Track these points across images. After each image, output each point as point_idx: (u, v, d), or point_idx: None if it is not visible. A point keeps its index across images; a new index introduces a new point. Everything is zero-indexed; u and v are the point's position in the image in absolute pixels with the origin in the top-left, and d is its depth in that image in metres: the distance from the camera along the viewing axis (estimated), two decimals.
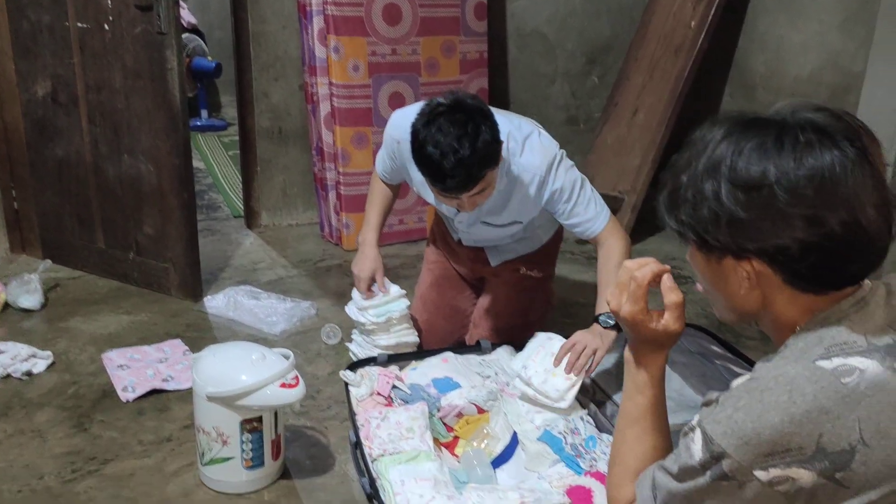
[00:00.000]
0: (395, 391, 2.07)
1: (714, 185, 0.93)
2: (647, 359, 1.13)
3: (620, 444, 1.15)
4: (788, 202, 0.89)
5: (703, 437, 0.93)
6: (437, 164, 1.81)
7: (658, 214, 1.05)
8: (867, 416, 0.86)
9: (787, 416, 0.87)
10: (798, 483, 0.88)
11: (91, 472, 2.00)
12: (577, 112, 4.17)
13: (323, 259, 3.43)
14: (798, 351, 0.93)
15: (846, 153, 0.89)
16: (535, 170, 2.04)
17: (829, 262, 0.92)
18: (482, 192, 1.93)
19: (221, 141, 5.40)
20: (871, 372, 0.88)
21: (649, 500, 1.03)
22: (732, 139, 0.94)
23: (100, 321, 2.78)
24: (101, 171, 2.94)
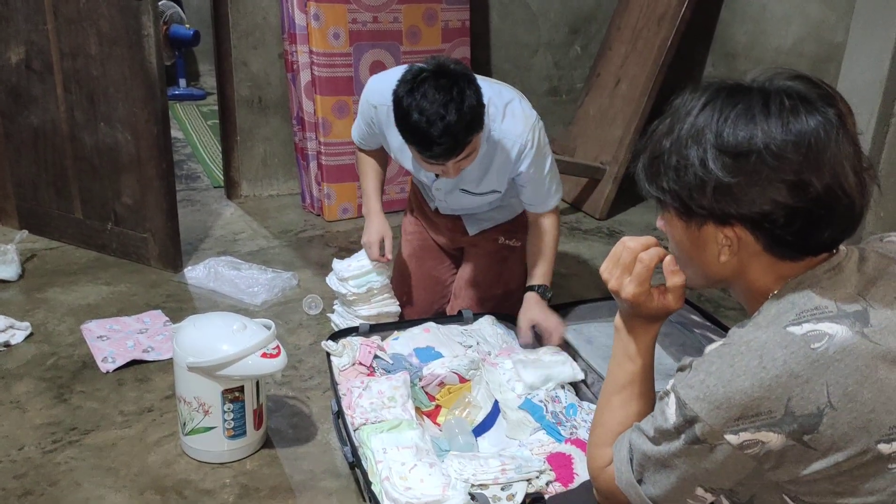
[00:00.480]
0: (377, 361, 2.08)
1: (699, 151, 0.93)
2: (640, 329, 1.13)
3: (605, 408, 1.16)
4: (776, 167, 0.90)
5: (676, 401, 0.94)
6: (424, 132, 1.80)
7: (637, 181, 1.05)
8: (835, 380, 0.88)
9: (758, 380, 0.88)
10: (767, 446, 0.89)
11: (72, 442, 2.00)
12: (560, 82, 4.15)
13: (304, 230, 3.41)
14: (771, 317, 0.94)
15: (829, 118, 0.91)
16: (516, 137, 2.03)
17: (811, 227, 0.93)
18: (468, 157, 1.93)
19: (200, 110, 5.33)
20: (840, 337, 0.89)
21: (625, 462, 1.05)
22: (716, 106, 0.94)
23: (78, 292, 2.75)
24: (77, 140, 2.89)
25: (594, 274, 3.10)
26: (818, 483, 0.91)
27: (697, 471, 0.95)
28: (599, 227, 3.56)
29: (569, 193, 3.81)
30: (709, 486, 0.97)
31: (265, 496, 1.84)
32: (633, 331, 1.13)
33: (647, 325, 1.13)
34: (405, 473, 1.62)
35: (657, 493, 1.01)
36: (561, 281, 3.02)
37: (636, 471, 1.03)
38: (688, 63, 3.67)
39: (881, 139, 2.67)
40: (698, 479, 0.96)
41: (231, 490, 1.86)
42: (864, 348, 0.89)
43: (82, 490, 1.83)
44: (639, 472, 1.03)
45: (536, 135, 2.05)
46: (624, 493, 1.05)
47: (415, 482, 1.60)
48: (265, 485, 1.88)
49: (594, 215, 3.64)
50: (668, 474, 0.98)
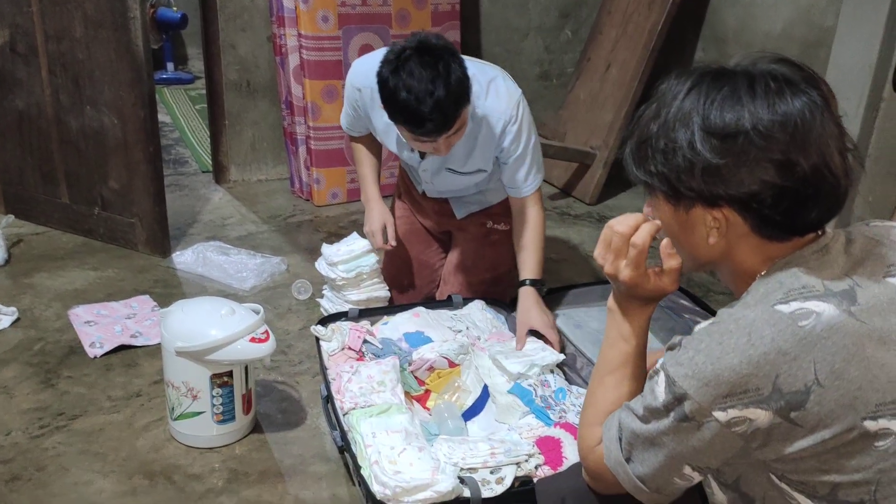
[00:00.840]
0: (367, 346, 2.07)
1: (687, 133, 0.94)
2: (635, 311, 1.14)
3: (597, 388, 1.16)
4: (763, 147, 0.91)
5: (666, 379, 0.95)
6: (414, 110, 1.78)
7: (625, 166, 1.06)
8: (822, 357, 0.89)
9: (746, 357, 0.89)
10: (755, 423, 0.90)
11: (59, 427, 1.99)
12: (550, 67, 4.13)
13: (293, 215, 3.40)
14: (759, 296, 0.95)
15: (814, 100, 0.93)
16: (500, 113, 2.02)
17: (798, 207, 0.94)
18: (458, 132, 1.91)
19: (188, 94, 5.29)
20: (827, 315, 0.90)
21: (614, 441, 1.05)
22: (701, 89, 0.96)
23: (65, 277, 2.74)
24: (63, 124, 2.86)
25: (584, 259, 3.10)
26: (805, 461, 0.91)
27: (685, 449, 0.96)
28: (589, 212, 3.55)
29: (559, 178, 3.80)
30: (696, 465, 0.97)
31: (254, 481, 1.84)
32: (628, 312, 1.14)
33: (643, 307, 1.13)
34: (394, 457, 1.62)
35: (645, 472, 1.01)
36: (551, 266, 3.02)
37: (625, 450, 1.04)
38: (678, 47, 3.66)
39: (870, 124, 2.67)
40: (686, 457, 0.96)
41: (220, 475, 1.85)
42: (851, 327, 0.90)
43: (70, 475, 1.83)
44: (627, 451, 1.03)
45: (520, 111, 2.04)
46: (612, 472, 1.06)
47: (404, 466, 1.60)
48: (254, 469, 1.88)
49: (584, 200, 3.64)
50: (657, 452, 0.99)
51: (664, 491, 1.02)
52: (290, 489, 1.82)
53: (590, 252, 3.15)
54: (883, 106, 2.65)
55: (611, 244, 1.09)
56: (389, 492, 1.56)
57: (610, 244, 1.09)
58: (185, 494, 1.79)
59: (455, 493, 1.57)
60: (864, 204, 2.75)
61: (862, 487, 0.91)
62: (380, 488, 1.57)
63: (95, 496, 1.77)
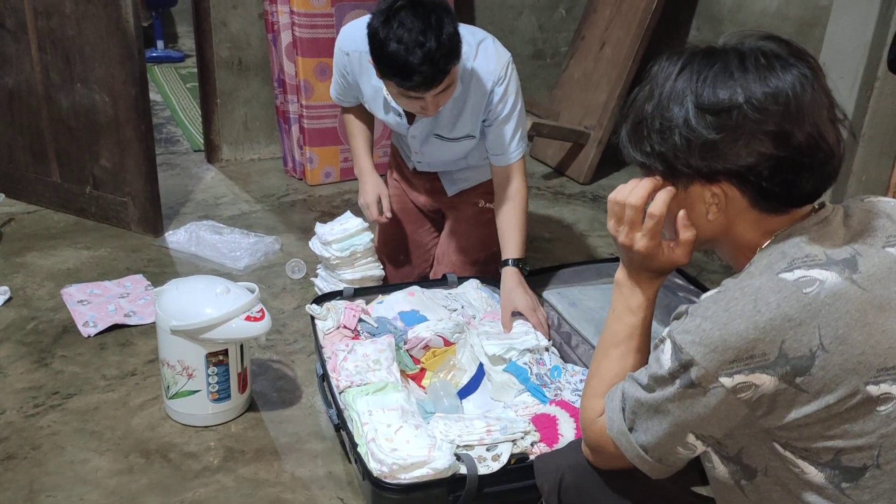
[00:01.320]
0: (362, 324, 2.07)
1: (682, 111, 0.96)
2: (645, 283, 1.15)
3: (602, 360, 1.17)
4: (758, 120, 0.93)
5: (672, 346, 0.96)
6: (404, 61, 1.76)
7: (622, 149, 1.07)
8: (827, 323, 0.90)
9: (752, 323, 0.91)
10: (760, 389, 0.91)
11: (54, 406, 1.98)
12: (544, 46, 4.11)
13: (287, 194, 3.38)
14: (762, 266, 0.96)
15: (803, 72, 0.95)
16: (488, 74, 2.01)
17: (795, 178, 0.96)
18: (446, 91, 1.89)
19: (179, 73, 5.24)
20: (830, 282, 0.92)
21: (617, 411, 1.06)
22: (693, 68, 0.98)
23: (57, 256, 2.72)
24: (53, 102, 2.83)
25: (578, 238, 3.11)
26: (809, 427, 0.92)
27: (690, 416, 0.96)
28: (583, 192, 3.55)
29: (552, 158, 3.79)
30: (700, 433, 0.98)
31: (250, 458, 1.85)
32: (639, 284, 1.14)
33: (653, 280, 1.14)
34: (391, 435, 1.62)
35: (648, 441, 1.02)
36: (545, 245, 3.03)
37: (628, 419, 1.04)
38: (672, 27, 3.64)
39: (864, 103, 2.67)
40: (690, 425, 0.97)
41: (216, 453, 1.86)
42: (854, 294, 0.92)
43: (66, 453, 1.83)
44: (630, 421, 1.04)
45: (509, 73, 2.02)
46: (615, 442, 1.06)
47: (401, 443, 1.60)
48: (250, 447, 1.88)
49: (578, 180, 3.63)
50: (661, 420, 1.00)
51: (666, 461, 1.03)
52: (286, 467, 1.83)
53: (584, 231, 3.15)
54: (877, 85, 2.65)
55: (623, 216, 1.09)
56: (386, 469, 1.56)
57: (622, 216, 1.09)
58: (182, 472, 1.79)
59: (452, 471, 1.58)
60: (858, 184, 2.76)
61: (865, 452, 0.93)
62: (377, 466, 1.58)
63: (91, 474, 1.77)
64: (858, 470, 0.93)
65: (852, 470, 0.94)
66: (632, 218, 1.08)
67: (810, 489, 0.96)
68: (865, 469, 0.93)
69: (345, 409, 1.77)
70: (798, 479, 0.96)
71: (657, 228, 1.07)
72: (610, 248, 3.00)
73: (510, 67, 2.04)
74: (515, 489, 1.61)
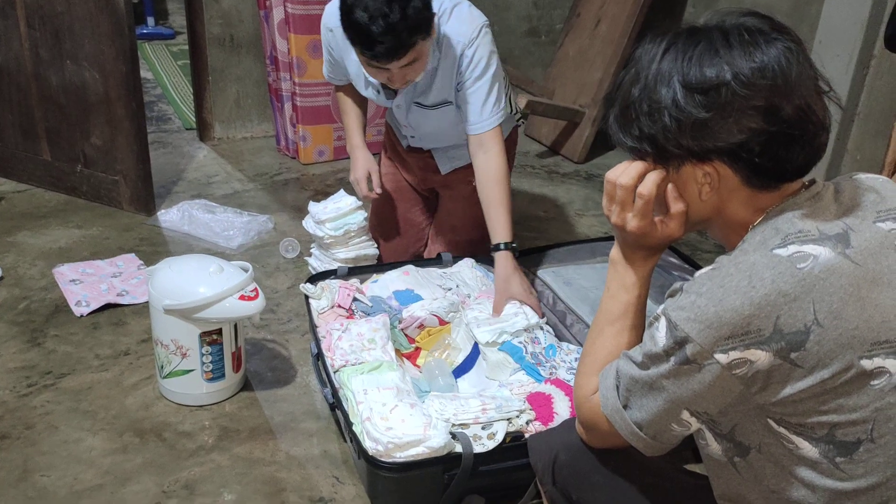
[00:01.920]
0: (357, 304, 2.06)
1: (670, 92, 0.96)
2: (640, 261, 1.15)
3: (596, 338, 1.17)
4: (746, 96, 0.93)
5: (667, 323, 0.96)
6: (366, 29, 1.76)
7: (610, 135, 1.07)
8: (821, 298, 0.90)
9: (748, 299, 0.91)
10: (755, 365, 0.91)
11: (47, 386, 1.98)
12: (539, 23, 4.07)
13: (280, 172, 3.36)
14: (756, 243, 0.97)
15: (788, 45, 0.95)
16: (459, 36, 1.99)
17: (785, 151, 0.96)
18: (412, 65, 1.88)
19: (170, 50, 5.18)
20: (823, 258, 0.92)
21: (611, 389, 1.06)
22: (678, 47, 0.98)
23: (49, 235, 2.70)
24: (42, 79, 2.80)
25: (572, 217, 3.10)
26: (803, 402, 0.93)
27: (685, 392, 0.97)
28: (578, 171, 3.54)
29: (547, 136, 3.78)
30: (695, 410, 0.98)
31: (245, 438, 1.84)
32: (634, 262, 1.14)
33: (647, 257, 1.14)
34: (386, 414, 1.62)
35: (643, 418, 1.02)
36: (539, 224, 3.02)
37: (622, 396, 1.04)
38: (668, 4, 3.62)
39: (860, 81, 2.66)
40: (685, 401, 0.97)
41: (211, 432, 1.86)
42: (847, 268, 0.92)
43: (59, 433, 1.82)
44: (625, 398, 1.04)
45: (480, 35, 2.00)
46: (609, 419, 1.07)
47: (396, 422, 1.60)
48: (245, 426, 1.88)
49: (572, 159, 3.62)
50: (656, 397, 1.00)
51: (661, 438, 1.03)
52: (281, 446, 1.83)
53: (578, 210, 3.15)
54: (874, 63, 2.64)
55: (615, 197, 1.09)
56: (381, 448, 1.56)
57: (614, 196, 1.09)
58: (176, 451, 1.79)
59: (447, 449, 1.58)
60: (853, 162, 2.76)
61: (859, 426, 0.93)
62: (372, 444, 1.58)
63: (86, 454, 1.77)
64: (853, 444, 0.94)
65: (846, 444, 0.94)
66: (623, 198, 1.08)
67: (804, 464, 0.97)
68: (860, 443, 0.94)
69: (340, 389, 1.77)
70: (792, 454, 0.97)
71: (647, 208, 1.07)
72: (604, 226, 3.00)
73: (482, 31, 2.01)
74: (510, 468, 1.61)
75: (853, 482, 0.95)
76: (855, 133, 2.73)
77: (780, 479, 0.99)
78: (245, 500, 1.67)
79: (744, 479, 1.03)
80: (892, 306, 0.93)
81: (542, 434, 1.37)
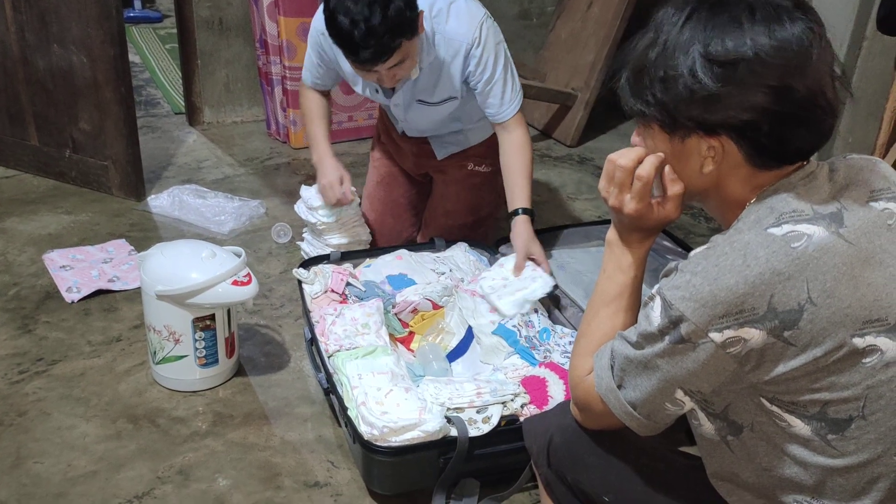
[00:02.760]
0: (350, 288, 2.06)
1: (688, 60, 0.94)
2: (636, 243, 1.15)
3: (592, 319, 1.17)
4: (763, 74, 0.92)
5: (662, 303, 0.96)
6: (349, 34, 1.75)
7: (620, 96, 1.05)
8: (815, 276, 0.91)
9: (742, 277, 0.91)
10: (749, 344, 0.92)
11: (39, 372, 1.96)
12: (531, 5, 4.05)
13: (270, 157, 3.34)
14: (751, 221, 0.97)
15: (810, 26, 0.94)
16: (462, 37, 1.98)
17: (792, 133, 0.95)
18: (401, 65, 1.87)
19: (157, 33, 5.13)
20: (817, 237, 0.92)
21: (606, 369, 1.06)
22: (701, 16, 0.96)
23: (38, 221, 2.68)
24: (29, 63, 2.76)
25: (565, 201, 3.09)
26: (796, 381, 0.93)
27: (679, 371, 0.97)
28: (570, 154, 3.53)
29: (539, 120, 3.76)
30: (688, 389, 0.99)
31: (239, 423, 1.84)
32: (630, 244, 1.14)
33: (644, 239, 1.14)
34: (381, 398, 1.62)
35: (637, 397, 1.03)
36: (534, 206, 3.01)
37: (617, 376, 1.05)
38: None
39: (852, 63, 2.66)
40: (679, 380, 0.98)
41: (205, 417, 1.85)
42: (841, 247, 0.93)
43: (52, 419, 1.82)
44: (619, 378, 1.05)
45: (483, 32, 1.99)
46: (603, 399, 1.07)
47: (391, 407, 1.60)
48: (239, 412, 1.88)
49: (565, 142, 3.61)
50: (650, 376, 1.00)
51: (654, 417, 1.04)
52: (275, 431, 1.82)
53: (571, 194, 3.14)
54: (865, 45, 2.64)
55: (614, 178, 1.08)
56: (377, 432, 1.56)
57: (613, 178, 1.08)
58: (171, 437, 1.79)
59: (442, 433, 1.58)
60: (845, 144, 2.76)
61: (851, 404, 0.94)
62: (367, 429, 1.58)
63: (79, 440, 1.76)
64: (844, 421, 0.95)
65: (838, 421, 0.95)
66: (621, 180, 1.08)
67: (796, 442, 0.97)
68: (851, 420, 0.95)
69: (334, 373, 1.77)
70: (784, 432, 0.97)
71: (645, 190, 1.07)
72: (597, 210, 3.00)
73: (484, 25, 1.99)
74: (505, 451, 1.62)
75: (844, 459, 0.96)
76: (847, 115, 2.74)
77: (773, 457, 1.00)
78: (240, 485, 1.67)
79: (737, 457, 1.04)
80: (884, 285, 0.94)
81: (536, 417, 1.38)
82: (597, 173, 3.34)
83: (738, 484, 1.05)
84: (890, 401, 0.95)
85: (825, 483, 0.98)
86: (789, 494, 1.01)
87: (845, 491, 0.98)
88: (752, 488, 1.04)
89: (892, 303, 0.94)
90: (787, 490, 1.01)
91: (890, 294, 0.94)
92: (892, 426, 0.95)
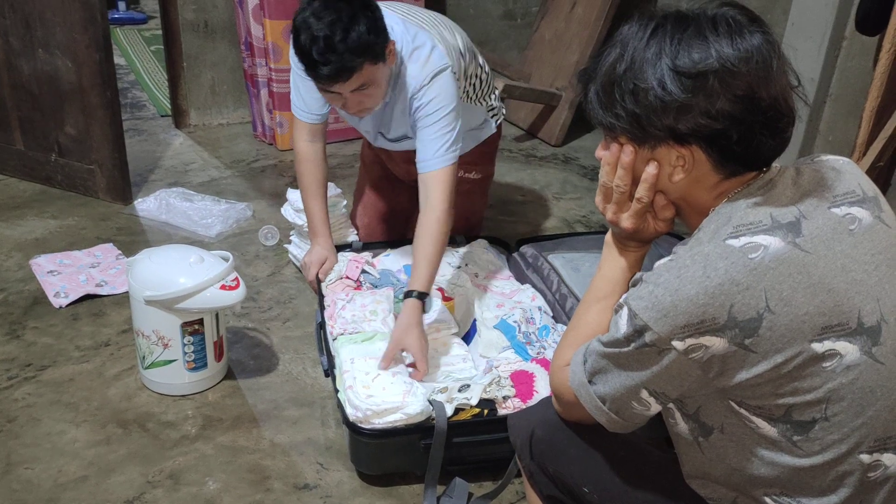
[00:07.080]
0: (365, 276, 2.14)
1: (657, 72, 0.97)
2: (633, 249, 1.19)
3: (583, 314, 1.21)
4: (730, 83, 0.95)
5: (628, 312, 1.00)
6: (308, 52, 1.76)
7: (588, 111, 1.08)
8: (772, 286, 0.94)
9: (702, 288, 0.94)
10: (710, 350, 0.95)
11: (28, 378, 1.97)
12: (515, 6, 4.07)
13: (257, 159, 3.35)
14: (710, 232, 1.00)
15: (768, 38, 0.98)
16: (413, 79, 1.96)
17: (759, 141, 0.99)
18: (363, 90, 1.85)
19: (142, 35, 5.12)
20: (773, 248, 0.96)
21: (580, 364, 1.11)
22: (666, 30, 0.99)
23: (24, 226, 2.68)
24: (14, 68, 2.76)
25: (550, 200, 3.12)
26: (761, 386, 0.97)
27: (644, 373, 1.01)
28: (555, 154, 3.56)
29: (524, 120, 3.79)
30: (652, 390, 1.03)
31: (229, 426, 1.86)
32: (626, 250, 1.18)
33: (640, 246, 1.18)
34: (368, 383, 1.69)
35: (605, 392, 1.07)
36: (517, 208, 3.04)
37: (588, 372, 1.09)
38: None
39: (832, 63, 2.70)
40: (644, 381, 1.02)
41: (194, 421, 1.86)
42: (797, 257, 0.96)
43: (42, 425, 1.82)
44: (590, 374, 1.09)
45: (435, 81, 1.94)
46: (576, 393, 1.11)
47: (377, 390, 1.67)
48: (228, 415, 1.89)
49: (549, 142, 3.64)
50: (618, 374, 1.04)
51: (623, 415, 1.07)
52: (265, 434, 1.84)
53: (556, 193, 3.17)
54: (845, 45, 2.67)
55: (612, 197, 1.12)
56: (361, 414, 1.64)
57: (611, 196, 1.12)
58: (160, 441, 1.80)
59: (424, 416, 1.65)
60: (825, 144, 2.80)
61: (814, 406, 0.98)
62: (352, 411, 1.66)
63: (69, 446, 1.77)
64: (808, 423, 0.98)
65: (802, 423, 0.98)
66: (620, 200, 1.11)
67: (764, 443, 1.01)
68: (815, 422, 0.98)
69: (335, 356, 1.85)
70: (753, 433, 1.01)
71: (643, 211, 1.10)
72: (582, 210, 3.03)
73: (441, 76, 1.94)
74: (487, 442, 1.67)
75: (810, 459, 1.00)
76: (827, 114, 2.77)
77: (742, 459, 1.04)
78: (230, 488, 1.69)
79: (707, 458, 1.08)
80: (844, 290, 0.97)
81: (520, 412, 1.41)
82: (582, 172, 3.37)
83: (711, 479, 1.10)
84: (851, 403, 0.98)
85: (793, 481, 1.02)
86: (760, 489, 1.05)
87: (813, 489, 1.02)
88: (725, 484, 1.08)
89: (853, 307, 0.97)
90: (758, 486, 1.05)
91: (851, 299, 0.97)
92: (855, 427, 0.98)
